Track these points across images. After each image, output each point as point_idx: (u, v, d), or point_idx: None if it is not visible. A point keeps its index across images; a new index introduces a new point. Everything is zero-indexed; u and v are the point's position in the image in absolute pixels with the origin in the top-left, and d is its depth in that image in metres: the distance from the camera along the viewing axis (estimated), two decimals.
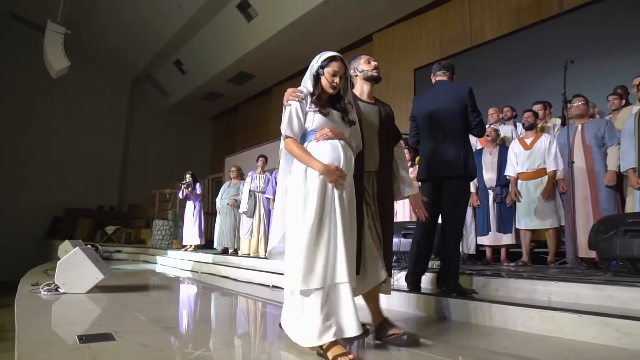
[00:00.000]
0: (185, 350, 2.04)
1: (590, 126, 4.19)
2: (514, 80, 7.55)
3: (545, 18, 7.70)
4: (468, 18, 8.94)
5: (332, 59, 2.10)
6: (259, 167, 6.81)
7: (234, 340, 2.43)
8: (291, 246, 1.96)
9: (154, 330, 2.44)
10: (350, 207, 2.05)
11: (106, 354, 1.89)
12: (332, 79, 2.08)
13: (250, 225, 6.56)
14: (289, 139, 2.08)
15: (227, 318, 3.36)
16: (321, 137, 2.04)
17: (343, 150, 2.04)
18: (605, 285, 2.54)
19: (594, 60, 6.58)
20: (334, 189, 1.97)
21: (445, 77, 3.17)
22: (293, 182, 2.04)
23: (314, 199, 1.94)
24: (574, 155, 4.22)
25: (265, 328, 2.90)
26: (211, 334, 2.59)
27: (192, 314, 3.45)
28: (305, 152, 2.04)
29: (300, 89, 2.14)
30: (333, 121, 2.09)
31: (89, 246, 4.82)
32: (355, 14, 9.85)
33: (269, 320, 3.12)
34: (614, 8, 6.70)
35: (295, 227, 1.95)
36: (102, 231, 12.15)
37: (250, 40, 11.68)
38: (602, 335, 2.15)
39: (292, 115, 2.08)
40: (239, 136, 16.30)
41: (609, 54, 6.54)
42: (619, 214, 3.67)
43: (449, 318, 2.82)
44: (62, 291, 3.75)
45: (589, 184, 4.07)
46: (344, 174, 2.00)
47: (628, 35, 6.43)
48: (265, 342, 2.46)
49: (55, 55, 9.06)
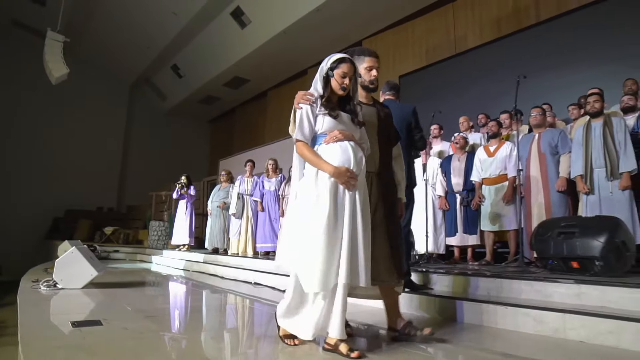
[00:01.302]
0: (160, 332, 2.41)
1: (545, 135, 4.55)
2: (493, 88, 7.90)
3: (524, 27, 8.08)
4: (452, 26, 9.28)
5: (341, 61, 2.12)
6: (247, 171, 7.20)
7: (203, 325, 2.82)
8: (305, 248, 1.96)
9: (136, 318, 2.82)
10: (364, 207, 2.06)
11: (93, 335, 2.28)
12: (342, 81, 2.11)
13: (239, 227, 6.97)
14: (300, 142, 2.10)
15: (204, 309, 3.74)
16: (331, 140, 2.07)
17: (353, 152, 2.06)
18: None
19: (563, 69, 6.97)
20: (346, 190, 2.01)
21: (392, 96, 3.53)
22: (304, 185, 2.07)
23: (326, 200, 1.97)
24: (530, 162, 4.61)
25: (239, 317, 3.27)
26: (185, 321, 2.98)
27: (174, 305, 3.84)
28: (316, 155, 2.07)
29: (310, 92, 2.16)
30: (343, 123, 2.12)
31: (86, 246, 5.19)
32: (345, 21, 10.19)
33: (240, 311, 3.50)
34: (582, 21, 7.07)
35: (308, 230, 1.96)
36: (101, 232, 12.54)
37: (244, 46, 12.06)
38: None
39: (303, 119, 2.10)
40: (235, 139, 16.65)
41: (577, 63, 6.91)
42: (555, 217, 4.01)
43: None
44: (60, 287, 4.13)
45: (543, 189, 4.43)
46: (355, 175, 2.02)
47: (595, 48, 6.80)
48: (227, 328, 2.83)
49: (55, 63, 9.44)
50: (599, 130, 4.05)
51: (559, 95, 6.50)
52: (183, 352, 2.12)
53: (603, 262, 2.93)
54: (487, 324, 2.70)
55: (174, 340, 2.26)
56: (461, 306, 2.90)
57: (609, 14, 6.76)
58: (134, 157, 16.68)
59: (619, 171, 3.88)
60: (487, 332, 2.59)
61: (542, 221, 3.82)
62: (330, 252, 1.92)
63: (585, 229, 3.09)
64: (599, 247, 2.93)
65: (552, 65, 7.17)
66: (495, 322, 2.68)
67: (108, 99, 16.18)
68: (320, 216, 1.94)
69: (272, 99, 14.72)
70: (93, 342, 2.15)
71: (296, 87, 13.27)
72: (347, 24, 10.34)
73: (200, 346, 2.27)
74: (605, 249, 2.92)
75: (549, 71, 7.11)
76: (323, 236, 1.91)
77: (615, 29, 6.65)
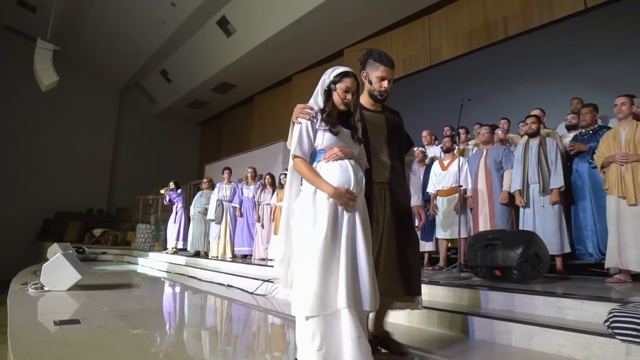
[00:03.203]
0: (128, 330, 2.83)
1: (492, 152, 5.02)
2: (457, 102, 8.32)
3: (493, 42, 8.55)
4: (428, 38, 9.71)
5: (345, 75, 2.04)
6: (225, 178, 7.66)
7: (171, 324, 3.24)
8: (300, 271, 1.89)
9: (111, 317, 3.25)
10: (365, 228, 1.97)
11: (72, 332, 2.71)
12: (345, 96, 2.03)
13: (218, 231, 7.43)
14: (298, 158, 2.00)
15: (175, 309, 4.18)
16: (331, 158, 1.98)
17: (353, 171, 1.98)
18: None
19: (527, 84, 7.46)
20: (344, 211, 1.93)
21: None
22: (301, 204, 1.98)
23: (324, 221, 1.88)
24: (478, 176, 5.08)
25: (204, 317, 3.70)
26: (155, 320, 3.40)
27: (148, 306, 4.25)
28: (315, 173, 1.97)
29: (310, 106, 2.06)
30: (343, 140, 2.03)
31: (71, 251, 5.60)
32: (326, 31, 10.63)
33: (210, 311, 3.93)
34: (539, 39, 7.56)
35: (305, 251, 1.88)
36: (91, 233, 12.91)
37: (230, 54, 12.51)
38: None
39: (303, 134, 2.00)
40: (224, 142, 17.06)
41: (536, 82, 7.39)
42: (484, 231, 4.47)
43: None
44: (47, 289, 4.54)
45: (488, 201, 4.90)
46: (355, 196, 1.95)
47: (552, 65, 7.29)
48: (191, 326, 3.26)
49: (45, 71, 9.79)
50: (535, 150, 4.51)
51: (521, 109, 6.94)
52: (141, 345, 2.54)
53: (518, 271, 3.39)
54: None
55: (138, 336, 2.68)
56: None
57: (570, 35, 7.21)
58: (124, 159, 17.02)
59: (550, 187, 4.34)
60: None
61: (474, 234, 4.28)
62: (325, 275, 1.83)
63: (505, 241, 3.55)
64: (515, 258, 3.39)
65: (509, 83, 7.69)
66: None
67: (99, 101, 16.49)
68: (317, 238, 1.86)
69: (258, 103, 15.16)
70: (71, 337, 2.59)
71: (281, 92, 13.79)
72: (327, 34, 10.78)
73: (161, 341, 2.70)
74: (520, 259, 3.38)
75: (507, 87, 7.60)
76: (319, 259, 1.83)
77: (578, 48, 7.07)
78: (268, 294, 4.58)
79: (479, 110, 7.52)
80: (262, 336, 3.12)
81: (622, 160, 3.79)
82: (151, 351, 2.46)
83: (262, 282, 4.67)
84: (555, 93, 6.97)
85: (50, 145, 15.20)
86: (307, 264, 1.85)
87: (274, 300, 4.36)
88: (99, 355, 2.25)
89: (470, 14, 8.92)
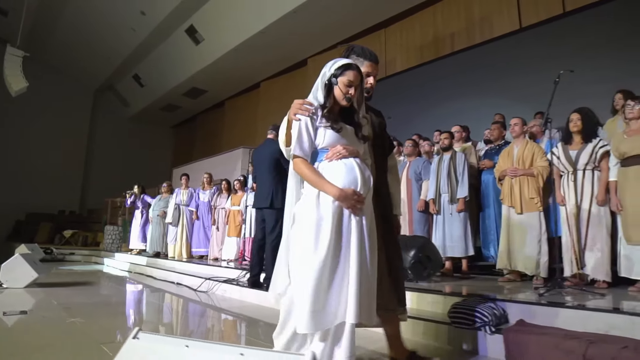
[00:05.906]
0: (67, 319, 3.32)
1: (414, 163, 5.62)
2: (418, 108, 8.91)
3: (441, 56, 9.19)
4: (384, 50, 10.31)
5: (347, 67, 1.87)
6: (183, 184, 8.19)
7: (108, 313, 3.76)
8: (299, 281, 1.72)
9: (56, 309, 3.76)
10: (371, 234, 1.82)
11: (17, 321, 3.23)
12: (347, 90, 1.86)
13: (175, 233, 7.96)
14: (298, 159, 1.85)
15: (117, 302, 4.66)
16: (334, 156, 1.83)
17: (360, 170, 1.83)
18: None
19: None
20: (352, 215, 1.77)
21: (272, 135, 4.53)
22: (303, 208, 1.81)
23: (328, 226, 1.72)
24: (401, 185, 5.66)
25: (140, 308, 4.22)
26: (95, 311, 3.89)
27: (95, 300, 4.73)
28: (318, 174, 1.81)
29: (309, 101, 1.90)
30: (346, 138, 1.88)
31: (33, 252, 6.06)
32: (289, 41, 11.17)
33: (147, 304, 4.45)
34: (487, 54, 8.20)
35: (305, 259, 1.71)
36: (61, 235, 13.22)
37: (199, 61, 12.99)
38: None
39: (302, 132, 1.84)
40: (197, 146, 17.45)
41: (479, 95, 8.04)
42: (406, 235, 5.05)
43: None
44: (5, 286, 5.00)
45: (408, 209, 5.49)
46: (363, 197, 1.79)
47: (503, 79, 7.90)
48: (121, 314, 3.78)
49: (14, 77, 10.08)
50: (447, 163, 5.13)
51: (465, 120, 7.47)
52: (73, 330, 3.02)
53: (411, 271, 3.98)
54: None
55: (74, 323, 3.18)
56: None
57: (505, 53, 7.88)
58: (97, 161, 17.25)
59: (457, 197, 4.96)
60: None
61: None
62: (326, 287, 1.68)
63: (404, 245, 4.13)
64: (408, 259, 3.98)
65: (451, 94, 8.33)
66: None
67: (72, 104, 16.68)
68: (321, 245, 1.70)
69: (229, 108, 15.62)
70: (15, 325, 3.10)
71: (251, 98, 14.26)
72: (291, 44, 11.33)
73: (91, 326, 3.20)
74: (413, 260, 3.97)
75: (451, 99, 8.23)
76: (320, 270, 1.68)
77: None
78: (209, 290, 5.10)
79: (432, 119, 8.14)
80: (187, 322, 3.64)
81: (512, 174, 4.42)
82: (78, 334, 2.94)
83: (204, 280, 5.20)
84: (487, 107, 7.60)
85: (23, 146, 15.33)
86: (307, 275, 1.69)
87: (213, 297, 4.89)
88: (34, 337, 2.75)
89: (422, 29, 9.55)
